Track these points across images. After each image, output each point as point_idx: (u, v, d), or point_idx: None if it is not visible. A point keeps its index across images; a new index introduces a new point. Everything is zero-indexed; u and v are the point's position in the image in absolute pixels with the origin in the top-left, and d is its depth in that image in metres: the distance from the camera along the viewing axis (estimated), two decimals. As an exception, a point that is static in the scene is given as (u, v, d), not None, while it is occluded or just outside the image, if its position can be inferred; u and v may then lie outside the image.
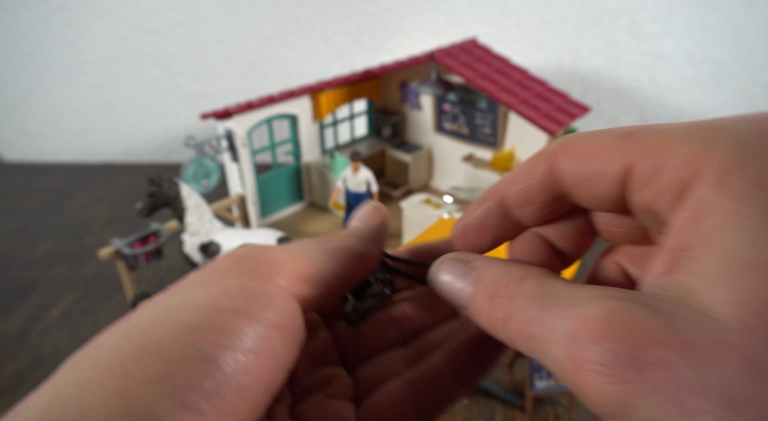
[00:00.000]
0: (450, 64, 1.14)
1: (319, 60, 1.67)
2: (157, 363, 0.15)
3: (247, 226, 1.28)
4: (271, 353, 0.17)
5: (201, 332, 0.16)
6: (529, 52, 1.62)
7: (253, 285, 0.18)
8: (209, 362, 0.15)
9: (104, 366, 0.15)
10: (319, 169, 1.38)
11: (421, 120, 1.47)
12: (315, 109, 1.34)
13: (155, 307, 0.17)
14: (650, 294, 0.14)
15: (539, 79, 1.22)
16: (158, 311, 0.17)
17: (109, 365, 0.15)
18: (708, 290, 0.13)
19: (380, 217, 0.24)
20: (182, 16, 1.61)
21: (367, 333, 0.25)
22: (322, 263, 0.21)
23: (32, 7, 1.60)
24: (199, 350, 0.15)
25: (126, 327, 0.16)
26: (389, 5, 1.58)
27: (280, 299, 0.18)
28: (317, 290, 0.20)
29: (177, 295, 0.18)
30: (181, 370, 0.15)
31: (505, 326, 0.17)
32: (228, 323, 0.16)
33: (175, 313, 0.17)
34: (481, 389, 0.87)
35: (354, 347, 0.25)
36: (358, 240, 0.22)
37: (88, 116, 1.79)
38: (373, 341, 0.26)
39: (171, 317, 0.16)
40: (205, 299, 0.17)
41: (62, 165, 1.82)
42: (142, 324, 0.16)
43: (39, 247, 1.32)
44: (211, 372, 0.15)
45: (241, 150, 1.19)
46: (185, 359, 0.15)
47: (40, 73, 1.72)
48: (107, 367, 0.15)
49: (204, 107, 1.76)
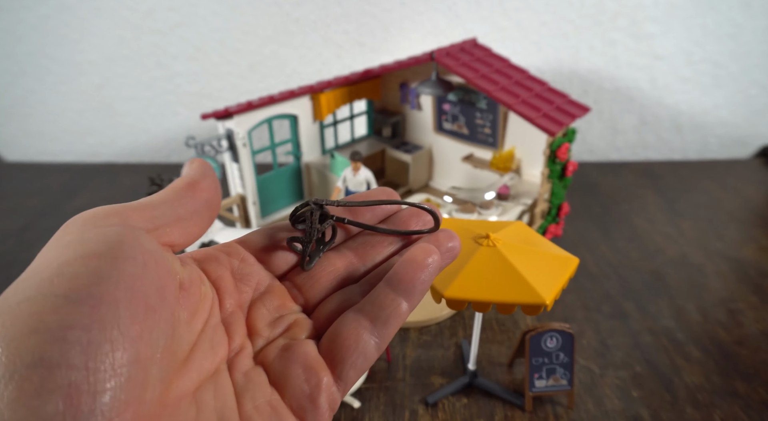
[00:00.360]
0: (450, 65, 1.14)
1: (320, 60, 1.68)
2: (29, 316, 0.18)
3: (247, 226, 1.28)
4: (128, 277, 0.20)
5: (61, 281, 0.19)
6: (529, 52, 1.63)
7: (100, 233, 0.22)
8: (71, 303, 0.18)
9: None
10: (319, 169, 1.39)
11: (421, 120, 1.48)
12: (315, 110, 1.34)
13: (31, 269, 0.21)
14: None
15: (539, 79, 1.23)
16: (27, 274, 0.20)
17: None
18: None
19: (197, 162, 0.29)
20: (183, 16, 1.61)
21: (322, 276, 0.29)
22: (156, 199, 0.25)
23: (33, 7, 1.61)
24: (61, 296, 0.19)
25: (12, 289, 0.20)
26: (389, 5, 1.59)
27: (122, 234, 0.22)
28: (162, 219, 0.24)
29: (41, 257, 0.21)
30: (50, 315, 0.18)
31: None
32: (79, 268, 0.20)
33: (37, 273, 0.20)
34: (480, 388, 0.87)
35: (314, 291, 0.29)
36: (179, 179, 0.27)
37: (89, 116, 1.80)
38: (330, 283, 0.29)
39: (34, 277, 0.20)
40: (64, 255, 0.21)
41: (63, 165, 1.82)
42: (19, 285, 0.20)
43: (40, 247, 1.32)
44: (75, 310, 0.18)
45: (241, 150, 1.19)
46: (53, 306, 0.18)
47: (41, 74, 1.72)
48: None
49: (204, 107, 1.76)
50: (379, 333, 0.26)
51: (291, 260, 0.30)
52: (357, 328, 0.26)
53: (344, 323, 0.26)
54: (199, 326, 0.24)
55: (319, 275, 0.29)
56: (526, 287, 0.69)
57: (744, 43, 1.59)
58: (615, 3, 1.54)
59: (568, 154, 1.15)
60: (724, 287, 1.13)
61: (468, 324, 1.03)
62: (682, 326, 1.02)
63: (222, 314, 0.26)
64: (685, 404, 0.85)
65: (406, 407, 0.84)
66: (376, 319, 0.26)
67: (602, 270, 1.19)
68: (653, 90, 1.68)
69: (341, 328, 0.26)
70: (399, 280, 0.26)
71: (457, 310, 0.70)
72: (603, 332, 1.00)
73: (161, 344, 0.20)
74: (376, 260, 0.30)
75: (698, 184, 1.59)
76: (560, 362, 0.83)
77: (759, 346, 0.96)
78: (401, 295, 0.26)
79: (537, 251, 0.76)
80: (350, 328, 0.26)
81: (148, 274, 0.21)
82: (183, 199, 0.26)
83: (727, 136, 1.75)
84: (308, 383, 0.24)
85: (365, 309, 0.26)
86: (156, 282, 0.21)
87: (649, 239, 1.31)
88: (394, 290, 0.26)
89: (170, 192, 0.26)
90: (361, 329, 0.26)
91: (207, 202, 0.27)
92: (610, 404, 0.85)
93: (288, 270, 0.30)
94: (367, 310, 0.26)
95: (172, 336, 0.21)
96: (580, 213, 1.44)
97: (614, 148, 1.79)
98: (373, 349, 0.26)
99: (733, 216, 1.41)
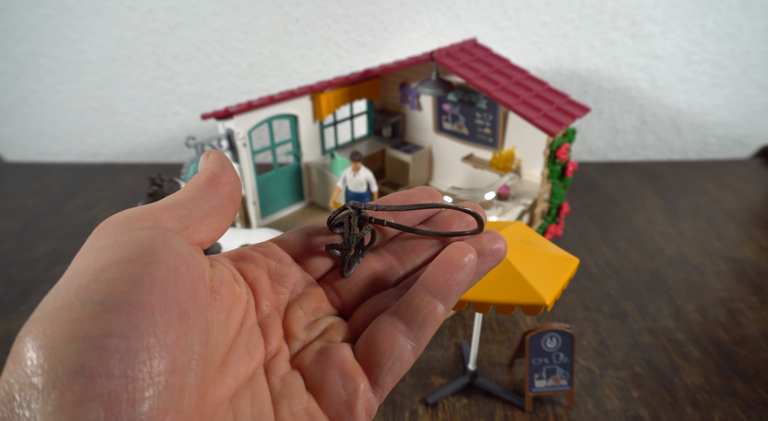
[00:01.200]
0: (450, 65, 1.14)
1: (320, 60, 1.68)
2: (69, 324, 0.18)
3: (247, 226, 1.28)
4: (163, 282, 0.20)
5: (98, 287, 0.19)
6: (529, 52, 1.63)
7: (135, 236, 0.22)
8: (108, 310, 0.19)
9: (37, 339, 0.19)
10: (319, 169, 1.39)
11: (421, 120, 1.48)
12: (315, 110, 1.34)
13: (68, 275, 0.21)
14: None
15: (539, 79, 1.23)
16: (65, 279, 0.21)
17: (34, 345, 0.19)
18: None
19: (214, 155, 0.28)
20: (183, 16, 1.61)
21: (360, 279, 0.29)
22: (182, 197, 0.25)
23: (33, 7, 1.61)
24: (99, 303, 0.19)
25: (53, 295, 0.20)
26: (389, 5, 1.59)
27: (159, 238, 0.22)
28: (190, 218, 0.24)
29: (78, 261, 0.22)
30: (88, 323, 0.18)
31: None
32: (115, 273, 0.20)
33: (75, 278, 0.20)
34: (480, 389, 0.87)
35: (352, 295, 0.29)
36: (199, 175, 0.27)
37: (89, 117, 1.80)
38: (368, 286, 0.29)
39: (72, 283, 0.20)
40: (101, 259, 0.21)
41: (63, 165, 1.82)
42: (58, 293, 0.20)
43: (40, 247, 1.33)
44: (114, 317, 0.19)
45: (241, 150, 1.19)
46: (91, 313, 0.19)
47: (41, 74, 1.72)
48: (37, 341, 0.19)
49: (204, 107, 1.76)
50: (416, 336, 0.25)
51: (329, 263, 0.30)
52: (392, 332, 0.25)
53: (379, 327, 0.25)
54: (234, 328, 0.24)
55: (357, 277, 0.29)
56: (526, 288, 0.69)
57: (743, 44, 1.59)
58: (615, 3, 1.54)
59: (568, 154, 1.15)
60: (724, 287, 1.13)
61: (468, 324, 1.03)
62: (681, 326, 1.02)
63: (258, 316, 0.26)
64: (684, 404, 0.85)
65: (406, 407, 0.84)
66: (412, 322, 0.25)
67: (602, 270, 1.19)
68: (653, 90, 1.68)
69: (376, 331, 0.25)
70: (434, 281, 0.25)
71: (457, 310, 0.70)
72: (603, 332, 1.00)
73: (196, 350, 0.20)
74: (416, 262, 0.30)
75: (698, 185, 1.59)
76: (560, 363, 0.83)
77: (759, 346, 0.96)
78: (437, 297, 0.25)
79: (537, 252, 0.76)
80: (386, 332, 0.25)
81: (180, 278, 0.21)
82: (207, 195, 0.25)
83: (726, 136, 1.76)
84: (345, 389, 0.24)
85: (400, 312, 0.26)
86: (188, 286, 0.21)
87: (648, 239, 1.31)
88: (430, 292, 0.25)
89: (194, 189, 0.26)
90: (397, 332, 0.25)
91: (230, 195, 0.26)
92: (609, 404, 0.85)
93: (326, 273, 0.30)
94: (402, 312, 0.25)
95: (206, 341, 0.21)
96: (579, 213, 1.44)
97: (614, 148, 1.79)
98: (410, 353, 0.25)
99: (732, 216, 1.41)
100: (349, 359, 0.25)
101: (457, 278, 0.25)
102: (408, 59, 1.28)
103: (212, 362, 0.22)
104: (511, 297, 0.69)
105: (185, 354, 0.20)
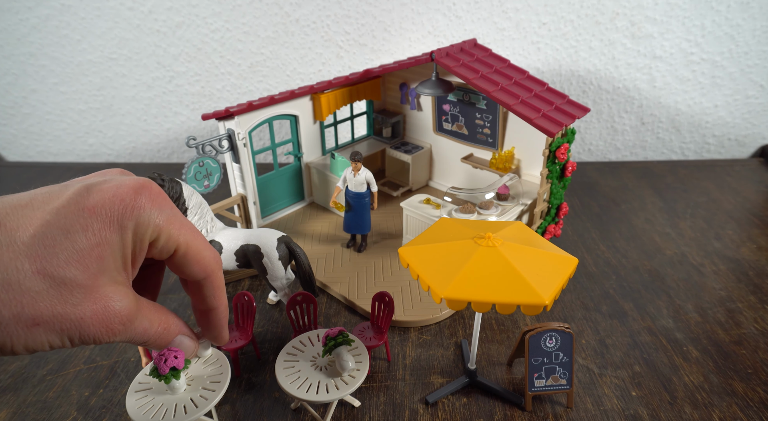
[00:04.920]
0: (449, 65, 1.15)
1: (320, 60, 1.68)
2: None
3: (248, 226, 1.28)
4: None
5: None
6: (528, 53, 1.63)
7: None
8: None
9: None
10: (319, 169, 1.39)
11: (421, 120, 1.48)
12: (315, 110, 1.35)
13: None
14: None
15: (538, 80, 1.23)
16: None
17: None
18: None
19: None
20: (183, 17, 1.62)
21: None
22: None
23: (34, 8, 1.61)
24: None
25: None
26: (389, 6, 1.59)
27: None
28: None
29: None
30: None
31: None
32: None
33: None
34: (480, 388, 0.88)
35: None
36: None
37: (90, 117, 1.80)
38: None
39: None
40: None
41: (64, 165, 1.82)
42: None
43: (41, 247, 1.33)
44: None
45: (242, 150, 1.20)
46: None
47: (42, 74, 1.73)
48: None
49: (205, 108, 1.76)
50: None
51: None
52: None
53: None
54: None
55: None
56: (525, 287, 0.70)
57: (742, 44, 1.59)
58: (614, 3, 1.55)
59: (568, 154, 1.15)
60: (723, 287, 1.13)
61: (468, 324, 1.03)
62: (680, 326, 1.02)
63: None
64: (683, 403, 0.85)
65: (406, 406, 0.85)
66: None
67: (601, 270, 1.20)
68: (652, 90, 1.68)
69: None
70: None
71: (457, 310, 0.71)
72: (602, 332, 1.01)
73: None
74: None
75: (697, 185, 1.60)
76: (559, 362, 0.83)
77: (757, 345, 0.97)
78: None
79: (536, 251, 0.77)
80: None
81: None
82: None
83: (725, 137, 1.76)
84: None
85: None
86: None
87: (647, 239, 1.32)
88: None
89: None
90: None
91: None
92: (609, 403, 0.85)
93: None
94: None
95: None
96: (579, 213, 1.44)
97: (613, 148, 1.79)
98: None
99: (731, 216, 1.42)
100: None
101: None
102: (408, 60, 1.29)
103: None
104: (510, 297, 0.69)
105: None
